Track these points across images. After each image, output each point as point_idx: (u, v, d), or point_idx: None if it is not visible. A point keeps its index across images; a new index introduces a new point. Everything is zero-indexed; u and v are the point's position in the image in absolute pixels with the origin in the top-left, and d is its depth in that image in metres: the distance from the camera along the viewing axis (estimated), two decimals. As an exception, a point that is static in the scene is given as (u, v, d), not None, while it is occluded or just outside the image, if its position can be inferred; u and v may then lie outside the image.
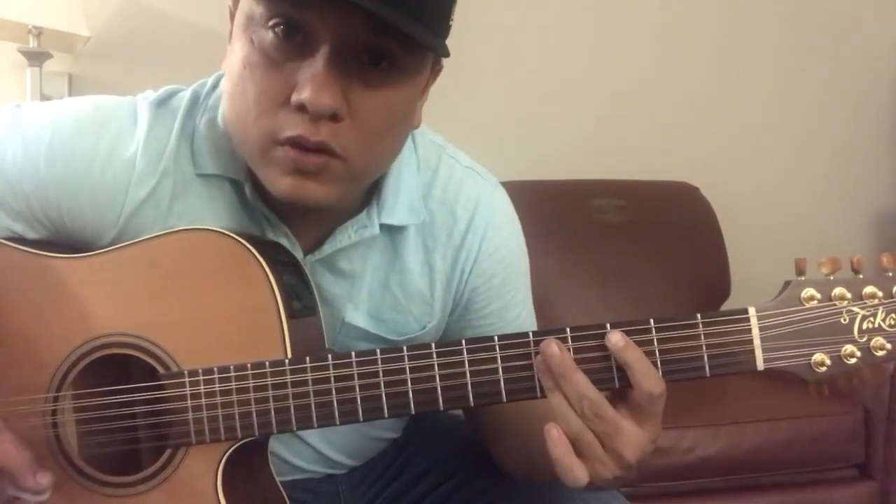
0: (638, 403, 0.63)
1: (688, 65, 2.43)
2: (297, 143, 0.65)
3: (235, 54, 0.68)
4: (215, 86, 0.79)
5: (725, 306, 2.19)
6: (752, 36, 2.47)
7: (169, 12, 2.09)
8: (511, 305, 0.86)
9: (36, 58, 1.94)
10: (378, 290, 0.82)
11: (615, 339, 0.63)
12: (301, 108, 0.64)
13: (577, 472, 0.63)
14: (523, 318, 0.87)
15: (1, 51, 2.00)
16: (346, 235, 0.78)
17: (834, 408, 1.75)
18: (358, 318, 0.82)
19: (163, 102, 0.78)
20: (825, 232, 2.43)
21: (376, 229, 0.78)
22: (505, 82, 2.33)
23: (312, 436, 0.88)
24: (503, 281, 0.85)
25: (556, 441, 0.63)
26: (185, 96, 0.78)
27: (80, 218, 0.75)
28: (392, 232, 0.81)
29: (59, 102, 0.78)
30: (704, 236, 2.23)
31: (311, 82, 0.63)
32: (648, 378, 0.63)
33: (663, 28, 2.43)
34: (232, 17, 0.73)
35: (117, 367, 0.70)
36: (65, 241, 0.76)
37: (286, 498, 0.75)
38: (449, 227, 0.82)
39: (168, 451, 0.69)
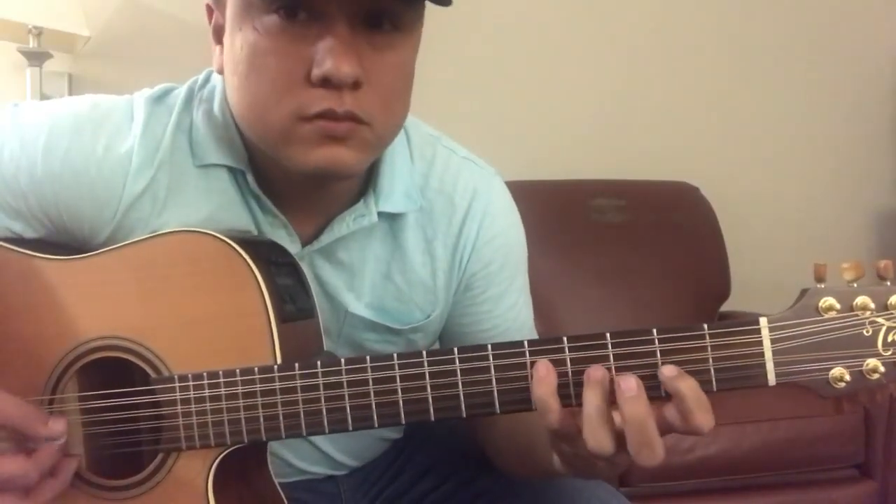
0: (679, 431, 0.59)
1: (688, 65, 2.43)
2: (325, 117, 0.66)
3: (236, 47, 0.68)
4: (207, 80, 0.80)
5: (725, 307, 2.19)
6: (752, 36, 2.47)
7: (169, 12, 2.09)
8: (508, 292, 0.86)
9: (36, 58, 1.94)
10: (380, 281, 0.82)
11: (667, 370, 0.59)
12: (324, 81, 0.64)
13: (552, 417, 0.60)
14: (520, 306, 0.87)
15: (1, 51, 2.00)
16: (345, 225, 0.78)
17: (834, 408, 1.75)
18: (360, 308, 0.82)
19: (159, 99, 0.78)
20: (825, 232, 2.43)
21: (374, 217, 0.78)
22: (505, 82, 2.33)
23: (316, 436, 0.88)
24: (501, 267, 0.85)
25: (542, 380, 0.60)
26: (180, 93, 0.79)
27: (77, 215, 0.75)
28: (391, 221, 0.81)
29: (57, 101, 0.78)
30: (704, 236, 2.23)
31: (329, 54, 0.64)
32: (702, 411, 0.58)
33: (663, 28, 2.43)
34: (211, 14, 0.74)
35: (113, 369, 0.70)
36: (63, 240, 0.76)
37: (284, 500, 0.75)
38: (448, 216, 0.83)
39: (160, 456, 0.69)
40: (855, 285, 0.60)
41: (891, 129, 2.56)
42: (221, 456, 0.68)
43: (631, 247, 2.14)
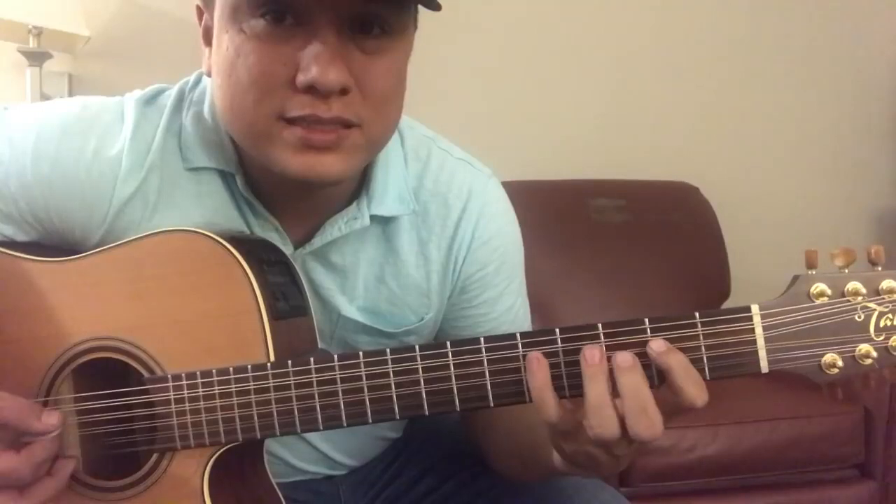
0: (674, 410, 0.60)
1: (688, 65, 2.43)
2: (307, 123, 0.65)
3: (223, 49, 0.68)
4: (198, 81, 0.79)
5: (725, 306, 2.19)
6: (752, 36, 2.47)
7: (169, 12, 2.09)
8: (505, 294, 0.85)
9: (36, 58, 1.94)
10: (374, 284, 0.82)
11: (656, 345, 0.60)
12: (310, 88, 0.64)
13: (550, 412, 0.61)
14: (517, 307, 0.87)
15: (1, 51, 2.00)
16: (337, 227, 0.77)
17: (834, 408, 1.75)
18: (353, 311, 0.81)
19: (150, 101, 0.78)
20: (825, 232, 2.42)
21: (367, 220, 0.78)
22: (505, 82, 2.33)
23: (314, 435, 0.88)
24: (497, 269, 0.84)
25: (534, 373, 0.61)
26: (171, 95, 0.78)
27: (68, 218, 0.74)
28: (385, 224, 0.80)
29: (46, 104, 0.78)
30: (704, 236, 2.23)
31: (315, 61, 0.63)
32: (692, 384, 0.59)
33: (663, 28, 2.42)
34: (200, 15, 0.74)
35: (107, 370, 0.70)
36: (55, 243, 0.76)
37: (282, 499, 0.75)
38: (443, 218, 0.82)
39: (154, 456, 0.69)
40: (846, 271, 0.59)
41: (891, 128, 2.56)
42: (217, 455, 0.68)
43: (631, 247, 2.14)
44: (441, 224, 0.82)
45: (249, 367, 0.66)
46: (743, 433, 1.69)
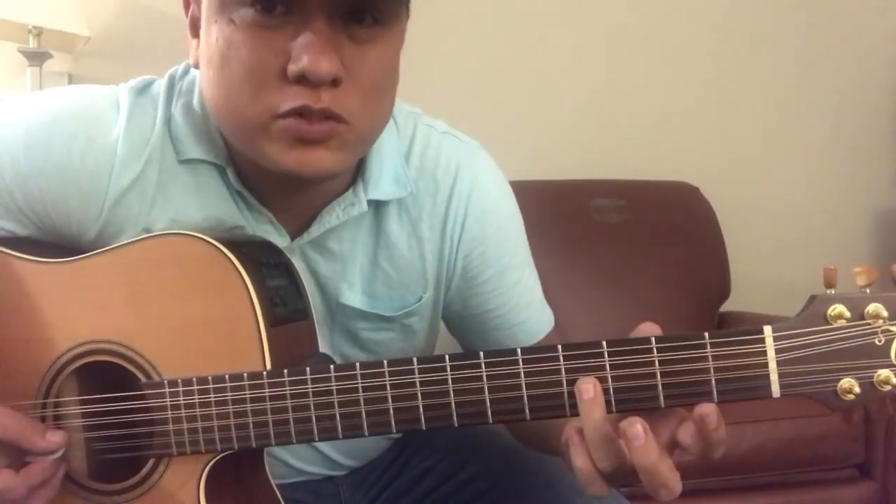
0: (691, 454, 0.59)
1: (688, 65, 2.43)
2: (299, 114, 0.64)
3: (212, 40, 0.67)
4: (186, 71, 0.78)
5: (725, 307, 2.19)
6: (752, 36, 2.46)
7: (169, 13, 2.08)
8: (510, 268, 0.83)
9: (36, 58, 1.94)
10: (369, 268, 0.81)
11: (708, 410, 0.56)
12: (300, 78, 0.63)
13: (597, 488, 0.61)
14: (525, 279, 0.85)
15: (1, 51, 2.00)
16: (335, 215, 0.76)
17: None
18: (353, 297, 0.80)
19: (142, 90, 0.77)
20: (825, 232, 2.43)
21: (364, 206, 0.77)
22: (505, 82, 2.33)
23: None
24: (496, 243, 0.82)
25: (579, 448, 0.60)
26: (161, 84, 0.77)
27: (64, 210, 0.73)
28: (376, 208, 0.79)
29: (38, 93, 0.77)
30: (704, 236, 2.23)
31: (306, 50, 0.62)
32: (721, 447, 0.58)
33: (663, 27, 2.42)
34: (187, 7, 0.73)
35: (106, 373, 0.70)
36: (52, 238, 0.75)
37: (282, 502, 0.74)
38: (432, 195, 0.80)
39: (151, 461, 0.68)
40: (867, 291, 0.56)
41: (891, 128, 2.56)
42: (213, 462, 0.67)
43: (631, 247, 2.13)
44: (431, 202, 0.80)
45: (245, 375, 0.65)
46: (743, 433, 1.68)
